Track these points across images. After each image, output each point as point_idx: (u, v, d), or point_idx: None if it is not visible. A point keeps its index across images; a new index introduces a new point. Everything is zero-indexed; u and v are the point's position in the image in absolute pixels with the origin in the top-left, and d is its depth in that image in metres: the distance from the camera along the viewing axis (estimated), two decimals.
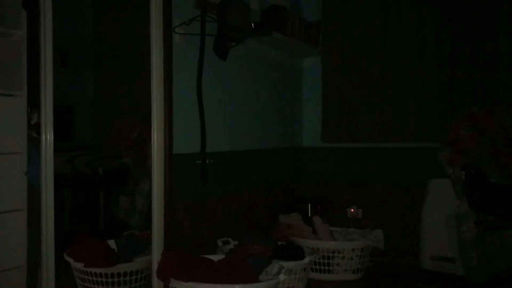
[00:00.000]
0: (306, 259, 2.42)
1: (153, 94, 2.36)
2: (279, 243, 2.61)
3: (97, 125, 3.56)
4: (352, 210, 3.42)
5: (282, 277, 2.11)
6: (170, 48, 2.43)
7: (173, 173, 2.44)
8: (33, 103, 2.05)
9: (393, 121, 3.37)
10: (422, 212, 3.07)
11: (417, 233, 3.09)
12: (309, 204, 3.33)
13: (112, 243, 2.47)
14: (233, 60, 2.87)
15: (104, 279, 2.23)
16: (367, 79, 3.44)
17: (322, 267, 2.80)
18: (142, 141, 2.96)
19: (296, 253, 2.45)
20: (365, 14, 3.46)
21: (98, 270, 2.22)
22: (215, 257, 2.28)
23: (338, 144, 3.58)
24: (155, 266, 2.22)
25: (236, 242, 2.63)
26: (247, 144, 3.12)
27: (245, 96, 3.10)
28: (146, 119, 2.53)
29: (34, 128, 2.10)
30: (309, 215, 3.25)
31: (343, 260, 2.79)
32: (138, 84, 3.07)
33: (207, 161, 2.65)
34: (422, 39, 3.28)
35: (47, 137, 1.97)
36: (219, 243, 2.66)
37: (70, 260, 2.27)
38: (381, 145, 3.45)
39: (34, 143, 2.07)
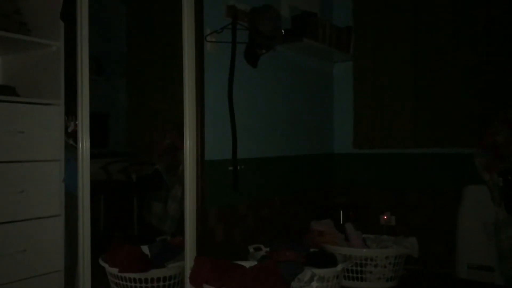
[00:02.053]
0: (339, 267, 2.39)
1: (185, 102, 2.39)
2: (311, 250, 2.60)
3: (130, 132, 3.63)
4: (385, 217, 3.37)
5: (314, 284, 2.09)
6: (202, 56, 2.46)
7: (205, 180, 2.46)
8: (70, 111, 2.11)
9: (427, 126, 3.30)
10: (458, 219, 3.00)
11: (453, 240, 3.02)
12: (341, 211, 3.30)
13: (145, 249, 2.50)
14: (264, 67, 2.88)
15: (138, 285, 2.27)
16: (400, 84, 3.39)
17: (354, 275, 2.76)
18: (174, 148, 3.00)
19: (328, 260, 2.43)
20: (396, 18, 3.41)
21: (132, 275, 2.25)
22: (247, 264, 2.28)
23: (370, 150, 3.54)
24: (188, 272, 2.24)
25: (268, 249, 2.63)
26: (278, 150, 3.11)
27: (276, 103, 3.11)
28: (178, 126, 2.57)
29: (71, 136, 2.15)
30: (341, 222, 3.21)
31: (376, 268, 2.75)
32: (170, 91, 3.12)
33: (238, 168, 2.66)
34: (457, 42, 3.20)
35: (84, 144, 2.02)
36: (251, 249, 2.67)
37: (105, 265, 2.31)
38: (414, 151, 3.39)
39: (71, 151, 2.12)
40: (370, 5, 3.52)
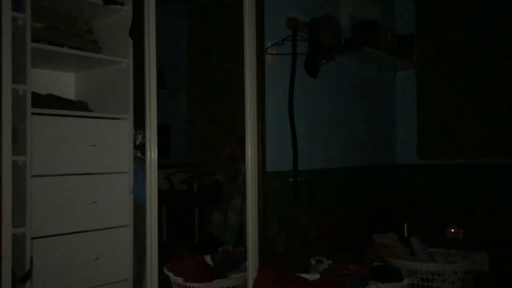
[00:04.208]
0: (405, 282, 2.32)
1: (246, 113, 2.42)
2: (375, 264, 2.53)
3: (191, 143, 3.72)
4: (452, 230, 3.23)
5: None
6: (263, 69, 2.49)
7: (266, 191, 2.47)
8: (137, 124, 2.19)
9: (496, 136, 3.15)
10: None
11: None
12: (405, 224, 3.20)
13: (208, 259, 2.54)
14: (324, 77, 2.87)
15: None
16: (467, 91, 3.26)
17: None
18: (234, 159, 3.04)
19: (393, 274, 2.36)
20: (460, 24, 3.30)
21: (196, 285, 2.29)
22: (309, 276, 2.26)
23: (436, 161, 3.42)
24: (250, 283, 2.25)
25: (330, 262, 2.59)
26: (340, 161, 3.08)
27: (337, 113, 3.08)
28: (238, 137, 2.60)
29: (139, 148, 2.23)
30: (406, 235, 3.11)
31: (444, 284, 2.64)
32: (230, 103, 3.17)
33: (299, 179, 2.65)
34: None
35: (152, 156, 2.09)
36: (313, 262, 2.64)
37: (170, 274, 2.37)
38: (484, 161, 3.24)
39: (138, 163, 2.20)
40: (433, 11, 3.43)
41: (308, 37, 2.64)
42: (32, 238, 1.80)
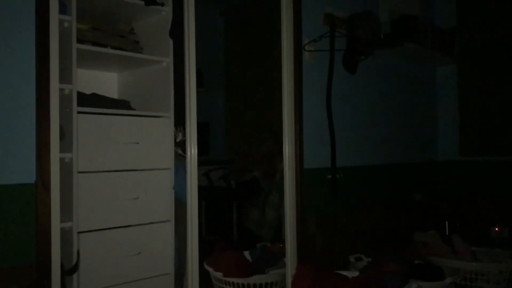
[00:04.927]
0: (447, 280, 2.27)
1: (284, 110, 2.42)
2: (416, 262, 2.49)
3: (229, 140, 3.75)
4: (496, 228, 3.14)
5: None
6: (300, 65, 2.48)
7: (304, 188, 2.47)
8: (177, 122, 2.23)
9: None
10: None
11: None
12: (447, 222, 3.13)
13: (246, 254, 2.56)
14: (362, 73, 2.84)
15: None
16: (509, 86, 3.16)
17: None
18: (271, 156, 3.05)
19: (435, 273, 2.32)
20: (503, 16, 3.19)
21: (235, 280, 2.32)
22: (349, 274, 2.25)
23: (479, 157, 3.33)
24: (289, 280, 2.26)
25: (369, 259, 2.57)
26: (379, 158, 3.04)
27: (376, 109, 3.04)
28: (275, 134, 2.61)
29: (179, 146, 2.28)
30: (447, 233, 3.05)
31: (488, 284, 2.57)
32: (268, 100, 3.19)
33: (337, 176, 2.64)
34: None
35: (192, 153, 2.12)
36: (352, 259, 2.62)
37: (210, 269, 2.41)
38: None
39: (179, 159, 2.24)
40: (474, 4, 3.33)
41: (346, 33, 2.62)
42: (79, 232, 1.86)
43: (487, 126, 3.27)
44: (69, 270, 1.81)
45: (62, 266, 1.76)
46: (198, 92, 2.16)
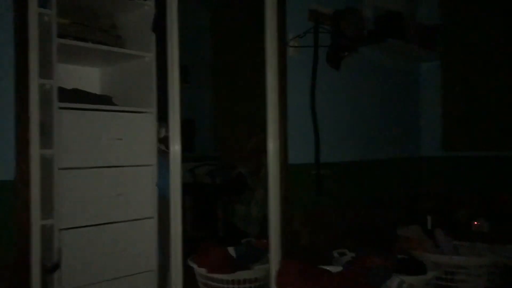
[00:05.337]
0: (429, 274, 2.30)
1: (268, 106, 2.42)
2: (399, 256, 2.51)
3: (215, 136, 3.74)
4: (476, 223, 3.18)
5: None
6: (284, 61, 2.48)
7: (289, 183, 2.47)
8: (161, 118, 2.22)
9: None
10: None
11: None
12: (430, 217, 3.16)
13: (231, 250, 2.56)
14: (347, 69, 2.85)
15: (225, 285, 2.32)
16: (493, 81, 3.19)
17: (446, 283, 2.64)
18: (257, 152, 3.05)
19: (417, 267, 2.34)
20: (487, 13, 3.23)
21: (219, 276, 2.31)
22: (332, 269, 2.26)
23: (461, 153, 3.37)
24: (273, 275, 2.26)
25: (353, 254, 2.59)
26: (363, 154, 3.06)
27: (360, 105, 3.06)
28: (261, 130, 2.60)
29: (162, 142, 2.26)
30: (430, 228, 3.08)
31: (470, 277, 2.60)
32: (254, 96, 3.18)
33: (322, 172, 2.64)
34: None
35: (175, 149, 2.11)
36: (335, 254, 2.64)
37: (194, 266, 2.40)
38: (509, 153, 3.17)
39: (162, 156, 2.23)
40: (458, 1, 3.36)
41: (331, 29, 2.62)
42: (60, 230, 1.84)
43: (470, 121, 3.31)
44: (50, 268, 1.80)
45: (43, 264, 1.74)
46: (183, 88, 2.15)
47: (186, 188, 2.22)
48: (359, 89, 3.05)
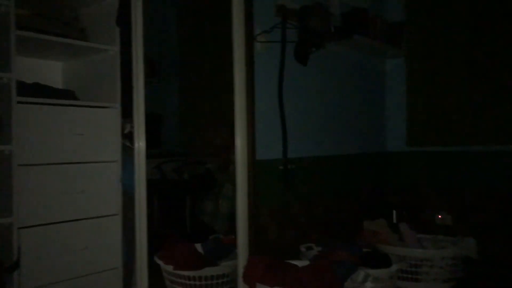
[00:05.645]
0: (393, 267, 2.34)
1: (236, 101, 2.41)
2: (365, 250, 2.55)
3: (183, 132, 3.70)
4: (439, 216, 3.26)
5: (368, 285, 2.06)
6: (252, 56, 2.47)
7: (256, 179, 2.47)
8: (125, 113, 2.18)
9: (484, 123, 3.17)
10: None
11: None
12: (395, 210, 3.22)
13: (199, 247, 2.55)
14: (314, 65, 2.86)
15: (192, 282, 2.31)
16: (457, 78, 3.27)
17: (410, 276, 2.69)
18: (225, 148, 3.04)
19: (382, 260, 2.38)
20: (451, 10, 3.30)
21: (186, 273, 2.30)
22: (299, 263, 2.27)
23: (425, 148, 3.44)
24: (240, 271, 2.26)
25: (320, 248, 2.61)
26: (330, 149, 3.08)
27: (327, 101, 3.08)
28: (229, 126, 2.59)
29: (127, 137, 2.22)
30: (395, 222, 3.14)
31: (432, 269, 2.67)
32: (222, 91, 3.16)
33: (289, 167, 2.65)
34: None
35: (140, 145, 2.08)
36: (303, 248, 2.66)
37: (160, 263, 2.37)
38: (472, 148, 3.26)
39: (127, 152, 2.19)
40: None
41: (298, 25, 2.63)
42: (20, 228, 1.79)
43: (433, 118, 3.38)
44: (9, 268, 1.74)
45: (1, 263, 1.69)
46: (150, 83, 2.13)
47: (153, 185, 2.20)
48: (326, 85, 3.07)
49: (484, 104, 3.18)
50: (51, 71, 2.32)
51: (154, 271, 2.29)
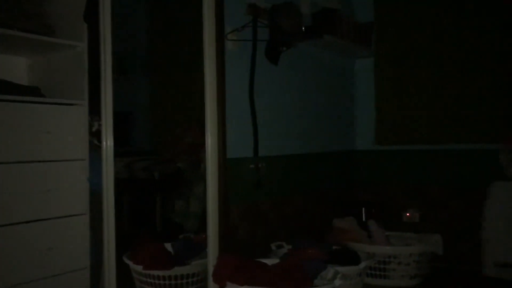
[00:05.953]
0: (362, 264, 2.38)
1: (206, 100, 2.40)
2: (334, 247, 2.58)
3: (153, 130, 3.66)
4: (408, 214, 3.33)
5: (337, 282, 2.08)
6: (223, 55, 2.47)
7: (227, 177, 2.47)
8: (93, 111, 2.14)
9: (451, 122, 3.25)
10: (484, 216, 2.94)
11: (479, 238, 2.96)
12: (364, 208, 3.27)
13: (168, 246, 2.52)
14: (285, 64, 2.88)
15: (161, 282, 2.29)
16: (423, 79, 3.35)
17: (378, 273, 2.74)
18: (195, 146, 3.02)
19: (351, 258, 2.42)
20: (418, 12, 3.37)
21: (156, 273, 2.28)
22: (269, 261, 2.28)
23: (393, 147, 3.50)
24: (211, 269, 2.25)
25: (290, 246, 2.63)
26: (300, 148, 3.11)
27: (297, 100, 3.10)
28: (200, 124, 2.58)
29: (95, 135, 2.18)
30: (364, 219, 3.19)
31: (400, 266, 2.72)
32: (192, 90, 3.14)
33: (260, 166, 2.66)
34: (481, 34, 3.14)
35: (108, 143, 2.05)
36: (273, 247, 2.67)
37: (130, 263, 2.35)
38: (438, 147, 3.34)
39: (95, 150, 2.15)
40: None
41: (269, 24, 2.63)
42: None
43: (401, 117, 3.44)
44: None
45: None
46: (119, 80, 2.09)
47: (123, 184, 2.16)
48: (296, 84, 3.09)
49: (451, 104, 3.26)
50: (16, 67, 2.25)
51: (123, 272, 2.25)
